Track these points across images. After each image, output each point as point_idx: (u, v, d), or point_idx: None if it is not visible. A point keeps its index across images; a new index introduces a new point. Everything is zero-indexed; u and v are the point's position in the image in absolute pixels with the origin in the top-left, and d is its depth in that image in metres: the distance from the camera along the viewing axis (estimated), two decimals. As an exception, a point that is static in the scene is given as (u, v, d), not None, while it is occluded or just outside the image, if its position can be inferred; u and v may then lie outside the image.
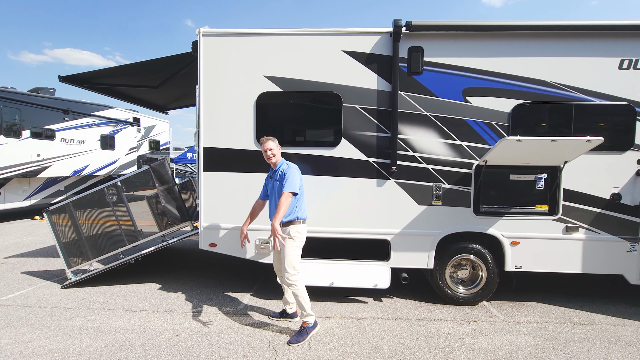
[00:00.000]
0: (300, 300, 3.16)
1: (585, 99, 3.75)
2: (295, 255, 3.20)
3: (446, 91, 3.84)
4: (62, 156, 9.92)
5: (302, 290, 3.17)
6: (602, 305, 4.05)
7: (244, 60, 3.98)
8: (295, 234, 3.20)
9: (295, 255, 3.19)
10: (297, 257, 3.22)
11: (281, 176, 3.24)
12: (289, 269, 3.15)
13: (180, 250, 6.38)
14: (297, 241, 3.21)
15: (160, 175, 4.74)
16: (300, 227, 3.25)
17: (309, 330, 3.21)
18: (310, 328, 3.22)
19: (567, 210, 3.82)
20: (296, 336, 3.16)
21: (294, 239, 3.19)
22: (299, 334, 3.18)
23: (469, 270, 4.07)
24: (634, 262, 3.82)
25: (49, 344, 3.13)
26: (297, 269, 3.17)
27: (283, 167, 3.29)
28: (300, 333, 3.18)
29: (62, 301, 4.07)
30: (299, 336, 3.16)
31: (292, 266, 3.16)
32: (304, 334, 3.17)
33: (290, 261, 3.16)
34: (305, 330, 3.19)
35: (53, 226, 4.61)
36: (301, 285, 3.17)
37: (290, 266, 3.16)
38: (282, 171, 3.25)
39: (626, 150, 3.77)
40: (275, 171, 3.34)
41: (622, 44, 3.71)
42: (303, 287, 3.18)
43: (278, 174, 3.28)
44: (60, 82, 5.12)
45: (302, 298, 3.16)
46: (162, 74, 5.17)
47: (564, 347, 3.16)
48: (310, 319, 3.22)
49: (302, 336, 3.16)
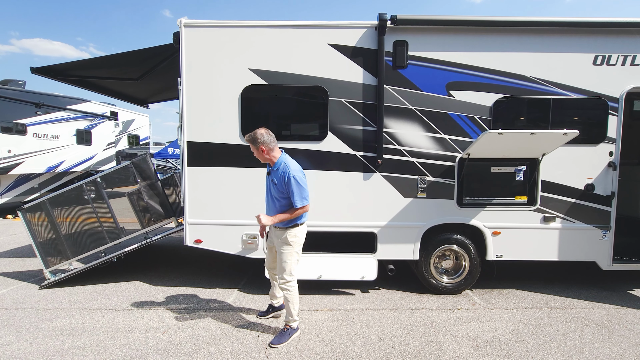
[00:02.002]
0: (290, 306, 3.06)
1: (562, 93, 3.90)
2: (293, 261, 3.04)
3: (430, 85, 3.89)
4: (35, 152, 9.46)
5: (295, 297, 3.06)
6: (577, 290, 4.27)
7: (228, 52, 3.90)
8: (293, 239, 3.01)
9: (293, 261, 3.04)
10: (295, 263, 3.07)
11: (282, 181, 2.89)
12: (286, 275, 3.02)
13: (165, 247, 6.26)
14: (295, 246, 3.04)
15: (142, 171, 4.61)
16: (299, 231, 3.05)
17: (292, 332, 3.11)
18: (293, 331, 3.13)
19: (544, 200, 3.98)
20: (279, 337, 3.07)
21: (291, 244, 3.01)
22: (281, 335, 3.08)
23: (452, 261, 4.19)
24: (605, 249, 4.03)
25: (29, 346, 3.02)
26: (293, 274, 3.05)
27: (282, 171, 2.91)
28: (283, 334, 3.09)
29: (40, 302, 3.93)
30: (281, 337, 3.06)
31: (289, 272, 3.03)
32: (286, 335, 3.07)
33: (289, 267, 3.02)
34: (287, 331, 3.09)
35: (28, 225, 4.41)
36: (295, 291, 3.06)
37: (288, 272, 3.03)
38: (282, 176, 2.89)
39: (599, 142, 3.95)
40: (273, 170, 2.99)
41: (596, 41, 3.86)
42: (296, 293, 3.08)
43: (279, 175, 2.92)
44: (32, 73, 4.86)
45: (292, 304, 3.05)
46: (142, 66, 4.99)
47: (542, 331, 3.32)
48: (295, 324, 3.15)
49: (285, 337, 3.06)
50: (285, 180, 2.87)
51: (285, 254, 3.02)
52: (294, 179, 2.85)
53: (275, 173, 2.97)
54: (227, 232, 4.03)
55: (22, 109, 9.15)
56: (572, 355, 2.92)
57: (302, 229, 3.09)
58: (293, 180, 2.85)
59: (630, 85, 3.86)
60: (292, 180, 2.85)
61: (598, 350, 3.00)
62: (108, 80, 5.62)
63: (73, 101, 10.85)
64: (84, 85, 5.71)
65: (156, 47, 4.39)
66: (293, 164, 2.98)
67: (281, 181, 2.91)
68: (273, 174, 3.00)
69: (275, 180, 2.96)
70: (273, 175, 3.00)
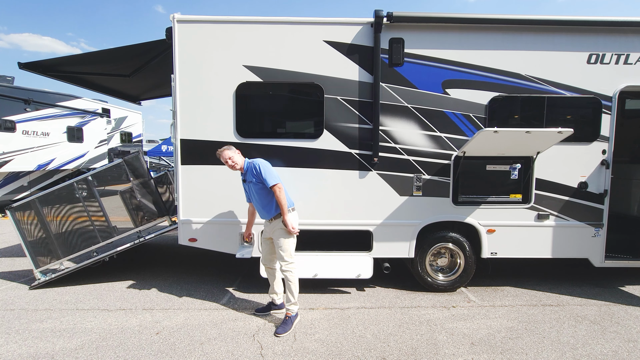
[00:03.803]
0: (292, 287, 3.31)
1: (557, 92, 3.91)
2: (292, 244, 3.31)
3: (426, 83, 3.88)
4: (25, 149, 9.27)
5: (296, 278, 3.34)
6: (569, 287, 4.31)
7: (222, 48, 3.84)
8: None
9: (292, 244, 3.31)
10: (294, 246, 3.34)
11: (253, 174, 3.25)
12: (287, 257, 3.28)
13: (158, 247, 6.19)
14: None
15: (135, 169, 4.53)
16: (292, 215, 3.27)
17: (293, 319, 3.32)
18: (294, 317, 3.34)
19: (538, 198, 4.00)
20: (283, 326, 3.24)
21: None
22: (285, 324, 3.27)
23: (447, 258, 4.20)
24: (597, 246, 4.07)
25: (18, 348, 2.96)
26: (293, 256, 3.33)
27: (249, 167, 3.30)
28: (286, 322, 3.28)
29: (30, 303, 3.85)
30: (285, 326, 3.25)
31: (289, 255, 3.29)
32: (289, 324, 3.27)
33: (288, 250, 3.28)
34: (290, 319, 3.30)
35: (17, 224, 4.32)
36: (296, 272, 3.34)
37: (288, 255, 3.29)
38: (251, 170, 3.27)
39: (593, 141, 3.98)
40: (245, 173, 3.36)
41: (590, 39, 3.88)
42: (297, 274, 3.35)
43: (248, 174, 3.30)
44: (21, 69, 4.74)
45: (294, 285, 3.32)
46: (134, 62, 4.90)
47: (536, 327, 3.34)
48: (295, 308, 3.35)
49: (288, 325, 3.25)
50: (255, 171, 3.24)
51: (283, 240, 3.27)
52: (260, 166, 3.23)
53: (247, 175, 3.33)
54: (221, 231, 3.99)
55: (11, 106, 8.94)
56: (565, 351, 2.95)
57: (295, 215, 3.35)
58: (260, 167, 3.22)
59: (623, 84, 3.89)
60: (259, 167, 3.22)
61: (591, 346, 3.03)
62: (99, 77, 5.52)
63: (64, 98, 10.64)
64: (75, 82, 5.59)
65: (148, 42, 4.31)
66: (256, 159, 3.34)
67: (252, 175, 3.26)
68: (246, 176, 3.34)
69: (250, 178, 3.28)
70: (246, 177, 3.34)
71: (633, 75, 3.90)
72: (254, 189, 3.29)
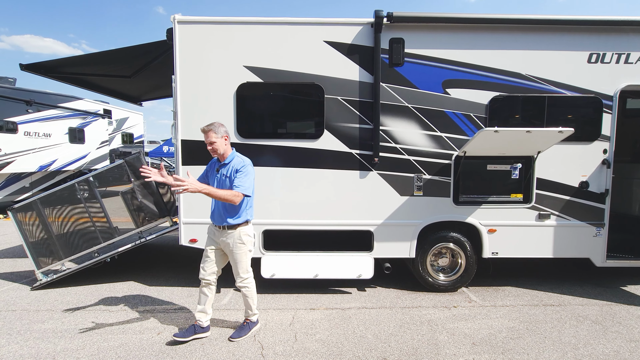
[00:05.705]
0: (250, 302, 3.14)
1: (557, 91, 3.91)
2: (247, 259, 3.06)
3: (427, 83, 3.88)
4: (27, 150, 9.30)
5: (254, 292, 3.16)
6: (571, 287, 4.30)
7: (223, 49, 3.85)
8: (245, 238, 3.01)
9: (247, 260, 3.07)
10: (249, 261, 3.09)
11: (234, 173, 2.92)
12: (242, 274, 3.05)
13: (160, 247, 6.20)
14: (248, 245, 3.04)
15: (136, 170, 4.54)
16: (249, 229, 3.06)
17: (252, 325, 3.19)
18: (253, 324, 3.20)
19: (539, 198, 3.99)
20: (238, 331, 3.13)
21: (245, 243, 3.01)
22: (241, 329, 3.15)
23: (448, 258, 4.20)
24: (599, 246, 4.06)
25: (19, 349, 2.97)
26: (249, 271, 3.09)
27: (236, 163, 2.96)
28: (243, 327, 3.17)
29: (32, 303, 3.86)
30: (240, 331, 3.13)
31: (245, 270, 3.06)
32: (246, 329, 3.15)
33: (244, 266, 3.05)
34: (248, 325, 3.18)
35: (19, 225, 4.33)
36: (253, 286, 3.14)
37: (244, 270, 3.05)
38: (235, 168, 2.93)
39: (593, 140, 3.97)
40: (224, 165, 2.99)
41: (590, 39, 3.87)
42: (254, 287, 3.16)
43: (230, 169, 2.95)
44: (22, 70, 4.77)
45: (251, 299, 3.14)
46: (135, 63, 4.92)
47: (537, 327, 3.34)
48: (255, 317, 3.22)
49: (245, 331, 3.14)
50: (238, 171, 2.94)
51: (239, 254, 3.01)
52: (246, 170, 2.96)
53: (227, 169, 3.00)
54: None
55: (13, 107, 8.98)
56: (567, 351, 2.94)
57: (251, 228, 3.11)
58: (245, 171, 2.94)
59: (624, 83, 3.89)
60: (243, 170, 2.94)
61: (592, 346, 3.02)
62: (101, 78, 5.54)
63: (65, 99, 10.68)
64: (76, 83, 5.61)
65: (149, 43, 4.33)
66: (246, 159, 3.06)
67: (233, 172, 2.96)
68: (225, 170, 3.02)
69: (229, 174, 2.98)
70: (225, 170, 3.02)
71: (634, 74, 3.89)
72: (224, 187, 2.94)
